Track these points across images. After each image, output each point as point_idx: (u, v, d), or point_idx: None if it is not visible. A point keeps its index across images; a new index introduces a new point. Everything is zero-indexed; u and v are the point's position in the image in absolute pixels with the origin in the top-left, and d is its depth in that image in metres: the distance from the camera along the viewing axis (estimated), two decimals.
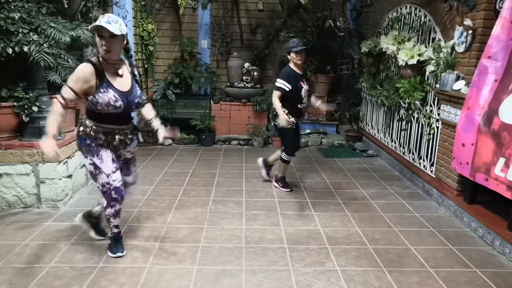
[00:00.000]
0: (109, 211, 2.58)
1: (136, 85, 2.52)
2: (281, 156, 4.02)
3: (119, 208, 2.60)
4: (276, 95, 3.70)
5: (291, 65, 3.79)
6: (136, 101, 2.49)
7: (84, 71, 2.31)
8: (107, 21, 2.21)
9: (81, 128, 2.46)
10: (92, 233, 2.89)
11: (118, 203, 2.57)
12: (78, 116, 4.00)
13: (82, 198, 3.69)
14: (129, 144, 2.64)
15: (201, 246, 2.88)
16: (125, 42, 2.40)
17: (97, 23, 2.21)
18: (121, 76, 2.41)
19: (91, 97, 2.35)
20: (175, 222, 3.25)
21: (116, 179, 2.51)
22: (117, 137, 2.51)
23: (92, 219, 2.89)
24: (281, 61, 3.95)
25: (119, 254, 2.70)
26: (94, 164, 2.46)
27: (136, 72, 2.56)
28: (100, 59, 2.35)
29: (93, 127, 2.43)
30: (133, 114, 2.65)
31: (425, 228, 3.29)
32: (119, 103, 2.37)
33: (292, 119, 3.76)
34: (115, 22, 2.23)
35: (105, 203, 2.58)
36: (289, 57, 3.77)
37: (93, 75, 2.31)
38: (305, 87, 3.80)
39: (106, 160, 2.47)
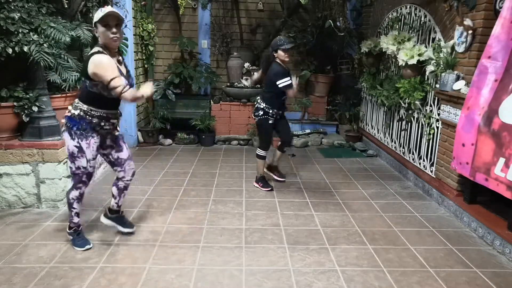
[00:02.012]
0: (74, 193, 2.70)
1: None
2: (256, 152, 4.14)
3: (83, 191, 2.72)
4: (291, 93, 3.81)
5: (279, 62, 3.84)
6: (132, 83, 2.64)
7: (109, 59, 2.43)
8: (111, 10, 2.38)
9: (76, 112, 2.54)
10: (121, 228, 2.97)
11: (85, 186, 2.71)
12: None
13: None
14: (116, 127, 2.76)
15: (201, 246, 2.88)
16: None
17: (103, 12, 2.34)
18: (120, 63, 2.57)
19: (95, 81, 2.44)
20: (175, 222, 3.25)
21: (93, 165, 2.67)
22: (110, 121, 2.63)
23: (114, 214, 2.98)
24: (267, 59, 4.03)
25: (87, 247, 2.77)
26: (80, 147, 2.56)
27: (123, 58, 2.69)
28: (102, 48, 2.45)
29: (90, 111, 2.53)
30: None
31: (425, 228, 3.29)
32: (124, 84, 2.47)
33: (275, 112, 3.93)
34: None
35: (73, 186, 2.70)
36: (276, 54, 3.81)
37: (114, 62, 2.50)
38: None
39: (93, 146, 2.60)
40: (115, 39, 2.43)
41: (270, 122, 3.94)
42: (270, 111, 3.90)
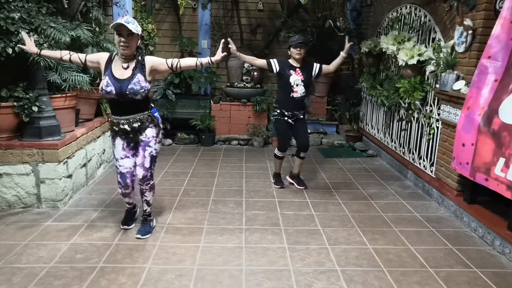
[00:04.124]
0: (118, 190, 2.98)
1: (139, 75, 2.71)
2: (274, 152, 4.22)
3: (123, 192, 2.93)
4: (260, 60, 3.94)
5: (290, 59, 3.95)
6: (129, 86, 2.66)
7: (101, 53, 2.85)
8: (125, 21, 2.57)
9: (110, 119, 2.92)
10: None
11: (121, 187, 2.89)
12: (78, 117, 4.00)
13: (82, 198, 3.69)
14: (141, 132, 2.83)
15: (201, 246, 2.88)
16: (139, 41, 2.74)
17: (116, 21, 2.57)
18: (125, 68, 2.71)
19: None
20: (175, 222, 3.25)
21: (123, 165, 2.86)
22: (122, 127, 2.78)
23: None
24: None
25: (124, 226, 3.10)
26: (113, 148, 2.92)
27: (145, 62, 2.77)
28: (116, 54, 2.77)
29: (111, 118, 2.85)
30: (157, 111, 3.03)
31: (425, 228, 3.29)
32: (110, 88, 2.67)
33: (288, 113, 3.95)
34: (132, 23, 2.60)
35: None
36: (289, 52, 3.92)
37: (104, 59, 2.75)
38: (296, 76, 3.87)
39: (117, 147, 2.86)
40: (124, 48, 2.65)
41: (280, 122, 4.01)
42: (279, 110, 4.00)
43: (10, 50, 3.00)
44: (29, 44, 2.76)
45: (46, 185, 3.40)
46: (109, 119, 2.88)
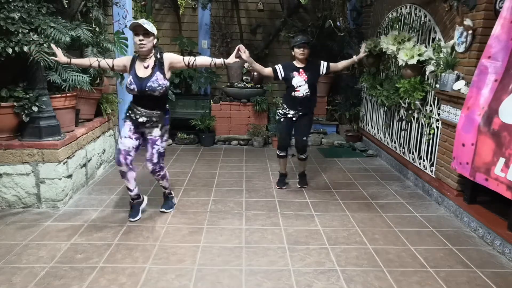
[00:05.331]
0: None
1: (158, 73, 2.98)
2: None
3: (119, 170, 3.11)
4: (267, 68, 3.97)
5: (294, 60, 3.95)
6: (148, 84, 2.94)
7: (125, 57, 3.19)
8: (141, 21, 2.84)
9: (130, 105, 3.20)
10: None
11: (116, 162, 3.10)
12: (78, 117, 4.00)
13: (82, 198, 3.70)
14: (151, 127, 3.08)
15: (201, 246, 2.88)
16: (155, 41, 3.00)
17: (133, 22, 2.84)
18: (146, 67, 2.99)
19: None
20: (175, 222, 3.26)
21: (122, 143, 3.06)
22: (137, 116, 3.02)
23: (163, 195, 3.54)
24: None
25: (130, 219, 3.23)
26: (122, 126, 3.25)
27: (163, 60, 3.03)
28: (137, 56, 3.05)
29: (130, 103, 3.12)
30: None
31: (425, 228, 3.29)
32: (133, 86, 2.97)
33: (291, 112, 3.94)
34: (148, 24, 2.87)
35: None
36: (293, 52, 3.91)
37: (128, 61, 3.07)
38: (299, 77, 3.85)
39: (126, 127, 3.10)
40: (141, 46, 2.91)
41: (282, 120, 4.01)
42: (282, 110, 4.00)
43: (10, 50, 3.00)
44: (60, 55, 2.96)
45: (46, 185, 3.40)
46: (130, 106, 3.12)
